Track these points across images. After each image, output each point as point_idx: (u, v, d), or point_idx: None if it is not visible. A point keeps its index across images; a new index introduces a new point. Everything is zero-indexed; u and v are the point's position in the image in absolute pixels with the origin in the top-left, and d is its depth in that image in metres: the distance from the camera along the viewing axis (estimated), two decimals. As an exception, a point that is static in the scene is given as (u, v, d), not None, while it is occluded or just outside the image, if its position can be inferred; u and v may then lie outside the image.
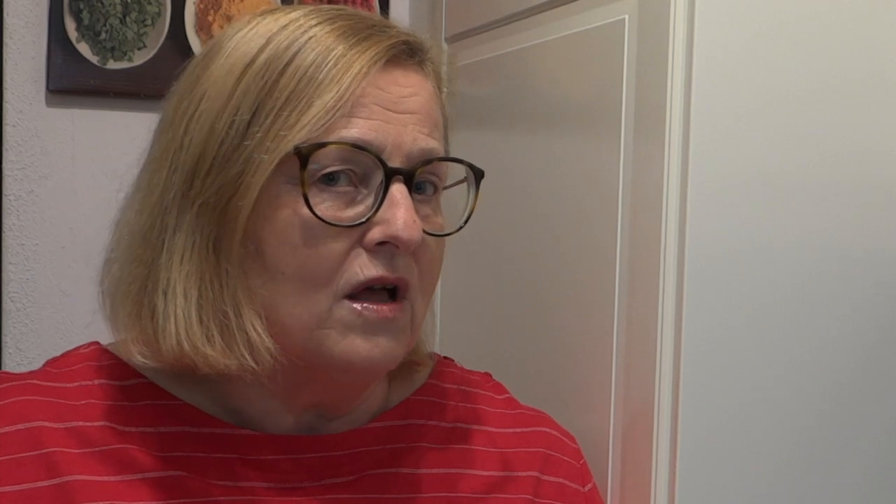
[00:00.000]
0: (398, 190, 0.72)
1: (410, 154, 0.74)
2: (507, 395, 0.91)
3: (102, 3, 1.32)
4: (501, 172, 1.17)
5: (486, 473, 0.83)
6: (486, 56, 1.22)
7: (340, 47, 0.72)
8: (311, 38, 0.73)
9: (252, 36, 0.74)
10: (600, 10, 0.99)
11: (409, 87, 0.75)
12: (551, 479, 0.86)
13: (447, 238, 0.79)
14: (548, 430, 0.89)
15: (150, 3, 1.34)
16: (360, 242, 0.72)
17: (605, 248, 0.96)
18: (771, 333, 0.91)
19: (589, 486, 0.89)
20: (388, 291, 0.74)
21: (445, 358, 0.92)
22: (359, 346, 0.73)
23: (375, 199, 0.72)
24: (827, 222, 0.92)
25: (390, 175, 0.72)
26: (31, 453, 0.73)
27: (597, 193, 0.98)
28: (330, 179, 0.72)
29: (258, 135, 0.71)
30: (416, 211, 0.73)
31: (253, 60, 0.72)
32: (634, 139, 0.93)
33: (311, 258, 0.72)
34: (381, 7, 1.47)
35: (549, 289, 1.07)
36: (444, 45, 1.34)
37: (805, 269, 0.92)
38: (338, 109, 0.71)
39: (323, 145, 0.71)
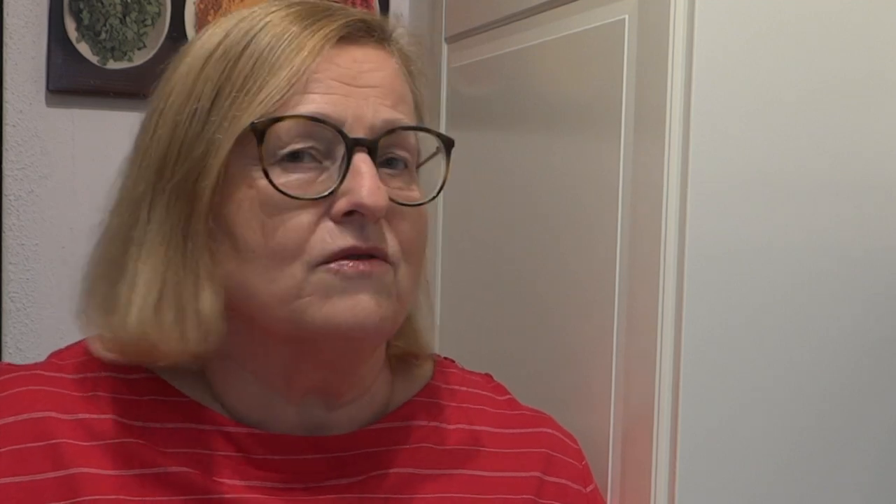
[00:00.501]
0: (361, 160, 0.72)
1: (373, 126, 0.74)
2: (508, 396, 0.91)
3: (102, 3, 1.32)
4: (501, 172, 1.17)
5: (488, 474, 0.83)
6: (486, 56, 1.22)
7: (294, 28, 0.74)
8: (266, 23, 0.74)
9: (214, 32, 0.76)
10: (600, 10, 0.99)
11: (369, 62, 0.75)
12: (554, 479, 0.86)
13: (448, 240, 0.79)
14: (550, 430, 0.89)
15: (150, 3, 1.34)
16: (327, 214, 0.72)
17: (605, 248, 0.96)
18: (771, 333, 0.91)
19: (591, 487, 0.89)
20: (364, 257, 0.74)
21: (446, 359, 0.92)
22: (340, 308, 0.72)
23: (340, 172, 0.72)
24: (827, 222, 0.92)
25: (351, 146, 0.72)
26: (38, 444, 0.73)
27: (597, 193, 0.98)
28: (294, 157, 0.72)
29: (217, 118, 0.72)
30: (386, 183, 0.73)
31: (213, 52, 0.74)
32: (634, 139, 0.93)
33: (278, 232, 0.72)
34: (380, 7, 1.47)
35: (548, 289, 1.07)
36: (444, 45, 1.34)
37: (805, 269, 0.92)
38: (292, 86, 0.72)
39: (278, 119, 0.71)
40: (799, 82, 0.91)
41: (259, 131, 0.71)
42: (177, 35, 1.35)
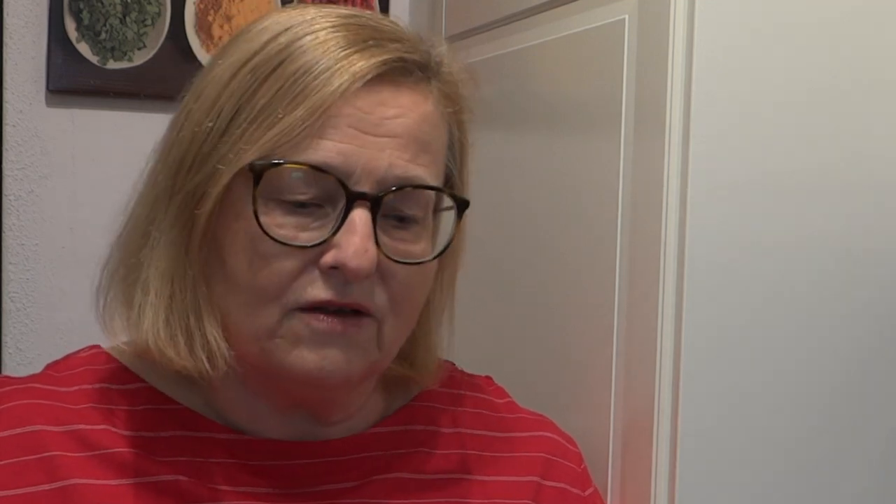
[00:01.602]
0: (358, 216, 0.70)
1: (384, 180, 0.71)
2: (507, 400, 0.90)
3: (102, 3, 1.32)
4: (501, 172, 1.17)
5: (485, 479, 0.83)
6: (486, 56, 1.22)
7: (326, 60, 0.70)
8: (301, 46, 0.71)
9: (258, 32, 0.73)
10: (600, 10, 0.99)
11: (397, 108, 0.72)
12: (552, 483, 0.85)
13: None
14: (549, 434, 0.88)
15: (150, 3, 1.34)
16: (315, 263, 0.71)
17: (605, 248, 0.96)
18: (771, 333, 0.91)
19: (589, 490, 0.89)
20: (348, 311, 0.72)
21: (446, 362, 0.91)
22: (307, 358, 0.71)
23: (336, 223, 0.70)
24: (827, 222, 0.92)
25: (352, 200, 0.70)
26: (32, 457, 0.73)
27: (597, 193, 0.98)
28: (298, 203, 0.71)
29: (227, 145, 0.70)
30: (389, 235, 0.72)
31: (247, 61, 0.72)
32: (634, 139, 0.93)
33: (262, 273, 0.71)
34: (381, 7, 1.47)
35: (548, 289, 1.07)
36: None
37: (805, 269, 0.92)
38: (305, 128, 0.69)
39: (276, 164, 0.69)
40: (799, 82, 0.91)
41: (256, 173, 0.69)
42: (177, 35, 1.35)
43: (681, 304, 0.88)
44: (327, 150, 0.70)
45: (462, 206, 0.76)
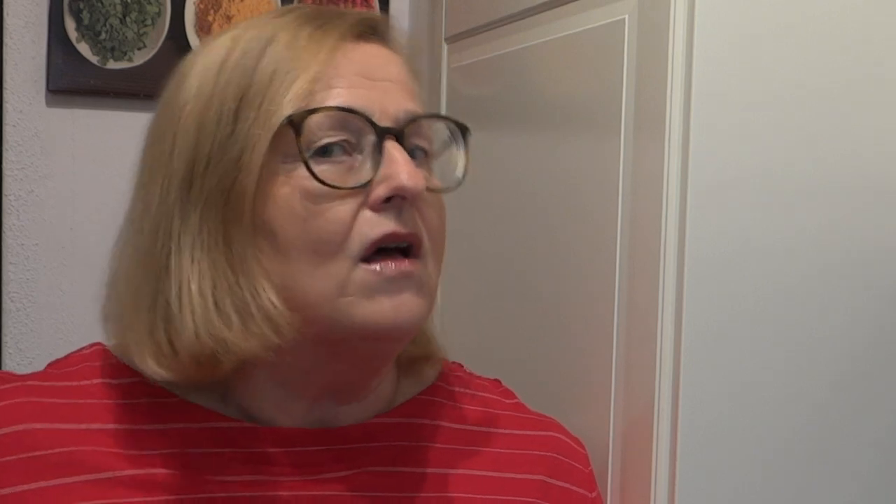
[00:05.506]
0: (393, 147, 0.73)
1: (397, 117, 0.75)
2: (515, 400, 0.91)
3: (102, 3, 1.32)
4: (501, 172, 1.17)
5: (491, 474, 0.83)
6: (486, 56, 1.22)
7: (308, 28, 0.75)
8: (277, 27, 0.75)
9: (218, 43, 0.76)
10: (600, 10, 0.99)
11: (381, 58, 0.77)
12: (559, 483, 0.85)
13: (447, 240, 0.79)
14: (558, 435, 0.89)
15: (150, 3, 1.34)
16: (365, 204, 0.73)
17: (605, 247, 0.96)
18: (771, 333, 0.91)
19: (594, 493, 0.89)
20: (400, 251, 0.74)
21: (454, 363, 0.91)
22: (385, 307, 0.72)
23: (373, 161, 0.73)
24: (827, 222, 0.92)
25: (382, 135, 0.73)
26: (21, 456, 0.73)
27: (597, 193, 0.98)
28: (325, 153, 0.73)
29: (250, 115, 0.72)
30: None
31: (227, 58, 0.74)
32: (634, 139, 0.93)
33: (318, 226, 0.72)
34: (380, 7, 1.47)
35: (548, 288, 1.07)
36: (444, 45, 1.34)
37: (805, 269, 0.92)
38: (317, 82, 0.73)
39: (315, 111, 0.72)
40: (799, 82, 0.91)
41: (296, 124, 0.72)
42: (177, 35, 1.35)
43: (681, 304, 0.88)
44: (346, 96, 0.73)
45: (465, 131, 0.80)
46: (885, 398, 0.95)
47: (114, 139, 1.34)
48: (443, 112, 1.31)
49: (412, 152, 0.76)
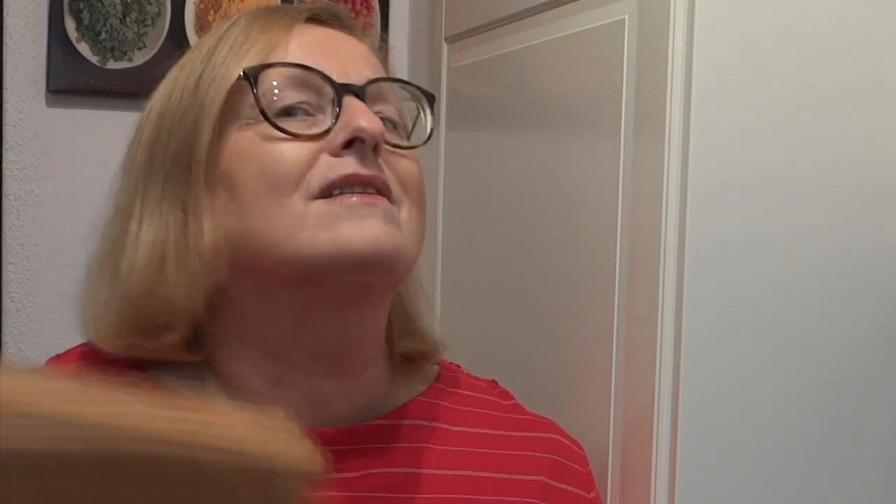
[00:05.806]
0: (352, 100, 0.73)
1: (358, 79, 0.75)
2: (513, 402, 0.90)
3: (102, 3, 1.32)
4: (501, 172, 1.17)
5: (489, 475, 0.83)
6: (486, 56, 1.22)
7: (265, 13, 0.77)
8: (234, 20, 0.78)
9: (186, 53, 0.79)
10: (600, 10, 0.99)
11: (341, 38, 0.78)
12: (559, 485, 0.85)
13: (447, 240, 0.79)
14: (557, 436, 0.88)
15: (150, 3, 1.34)
16: (325, 150, 0.72)
17: (605, 247, 0.96)
18: (771, 333, 0.91)
19: (593, 493, 0.89)
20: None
21: (452, 364, 0.91)
22: (349, 232, 0.70)
23: (333, 115, 0.73)
24: (827, 222, 0.92)
25: (341, 91, 0.73)
26: None
27: (597, 193, 0.98)
28: (287, 114, 0.73)
29: (206, 84, 0.74)
30: None
31: (189, 58, 0.77)
32: (634, 139, 0.93)
33: (277, 165, 0.72)
34: (381, 7, 1.47)
35: (548, 289, 1.07)
36: (444, 45, 1.34)
37: (805, 269, 0.92)
38: (276, 48, 0.74)
39: (270, 65, 0.73)
40: (799, 82, 0.91)
41: (252, 77, 0.72)
42: (177, 35, 1.35)
43: (681, 304, 0.88)
44: (302, 58, 0.74)
45: (431, 98, 0.81)
46: (885, 398, 0.95)
47: (114, 139, 1.33)
48: (442, 112, 1.31)
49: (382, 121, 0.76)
